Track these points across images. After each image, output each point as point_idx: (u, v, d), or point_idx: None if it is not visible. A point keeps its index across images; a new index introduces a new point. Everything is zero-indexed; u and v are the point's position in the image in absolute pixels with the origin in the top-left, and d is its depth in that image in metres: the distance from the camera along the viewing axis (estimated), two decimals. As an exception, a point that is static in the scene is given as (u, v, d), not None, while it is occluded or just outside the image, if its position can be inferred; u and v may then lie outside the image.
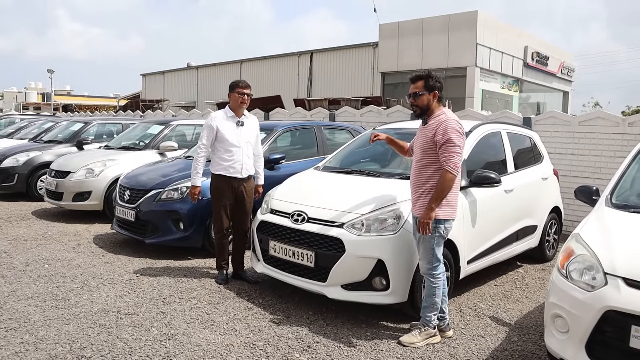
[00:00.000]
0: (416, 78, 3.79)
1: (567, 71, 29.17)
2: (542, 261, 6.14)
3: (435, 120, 3.71)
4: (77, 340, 3.58)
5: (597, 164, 7.59)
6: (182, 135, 9.36)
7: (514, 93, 25.48)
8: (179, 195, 5.79)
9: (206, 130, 4.86)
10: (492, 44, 22.41)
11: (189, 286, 4.82)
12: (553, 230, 6.30)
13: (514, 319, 4.35)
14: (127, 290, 4.65)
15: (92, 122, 11.18)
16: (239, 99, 4.88)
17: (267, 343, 3.63)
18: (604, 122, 7.54)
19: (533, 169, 5.88)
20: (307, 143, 7.40)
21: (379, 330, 3.91)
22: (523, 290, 5.12)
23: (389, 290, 3.90)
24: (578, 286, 2.96)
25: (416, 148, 3.85)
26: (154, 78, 40.65)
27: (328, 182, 4.88)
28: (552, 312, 3.09)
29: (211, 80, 34.81)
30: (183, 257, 5.80)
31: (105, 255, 5.86)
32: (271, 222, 4.50)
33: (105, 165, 7.86)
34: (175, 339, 3.64)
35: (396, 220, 4.00)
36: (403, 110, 9.95)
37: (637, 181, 3.92)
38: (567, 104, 30.20)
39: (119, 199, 6.37)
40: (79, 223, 7.59)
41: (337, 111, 11.18)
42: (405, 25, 23.85)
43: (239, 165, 4.86)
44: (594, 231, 3.28)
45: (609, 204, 3.63)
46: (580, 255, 3.08)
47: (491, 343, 3.82)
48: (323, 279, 4.04)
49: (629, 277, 2.80)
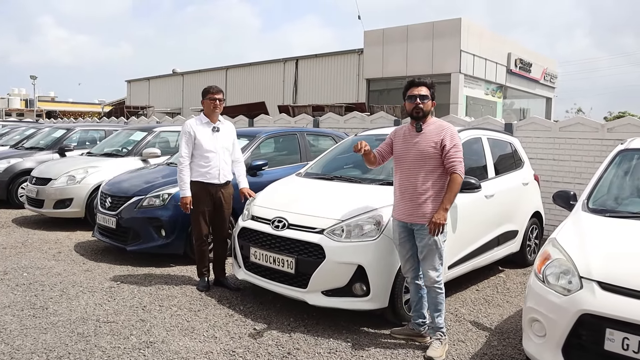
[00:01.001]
0: (420, 83, 3.78)
1: (550, 78, 29.53)
2: (524, 266, 6.19)
3: (435, 127, 3.71)
4: (54, 350, 3.53)
5: (578, 169, 7.69)
6: (166, 141, 9.31)
7: (498, 99, 25.73)
8: (161, 202, 5.75)
9: (184, 138, 4.86)
10: (475, 50, 22.63)
11: (170, 293, 4.79)
12: (534, 235, 6.36)
13: (494, 323, 4.37)
14: (107, 298, 4.60)
15: (75, 128, 11.07)
16: (211, 105, 4.93)
17: (247, 350, 3.61)
18: (583, 128, 7.65)
19: (514, 174, 5.94)
20: (290, 149, 7.41)
21: (360, 337, 3.91)
22: (504, 295, 5.16)
23: (369, 296, 3.91)
24: (554, 290, 2.99)
25: (411, 155, 3.71)
26: (139, 84, 40.42)
27: (309, 188, 4.89)
28: (530, 317, 3.12)
29: (196, 87, 34.56)
30: (165, 265, 5.76)
31: (86, 263, 5.79)
32: (252, 229, 4.48)
33: (87, 172, 7.78)
34: (155, 347, 3.60)
35: (376, 227, 4.01)
36: (386, 117, 10.00)
37: (613, 186, 3.98)
38: (550, 110, 30.55)
39: (100, 206, 6.32)
40: (60, 231, 7.51)
41: (321, 117, 11.20)
42: (390, 32, 24.00)
43: (216, 171, 4.86)
44: (570, 236, 3.32)
45: (585, 209, 3.68)
46: (557, 260, 3.11)
47: (471, 348, 3.84)
48: (304, 285, 4.03)
49: (603, 281, 2.84)
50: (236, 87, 31.13)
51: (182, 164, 4.83)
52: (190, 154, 4.85)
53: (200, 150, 4.83)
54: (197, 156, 4.85)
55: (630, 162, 4.15)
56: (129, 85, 41.42)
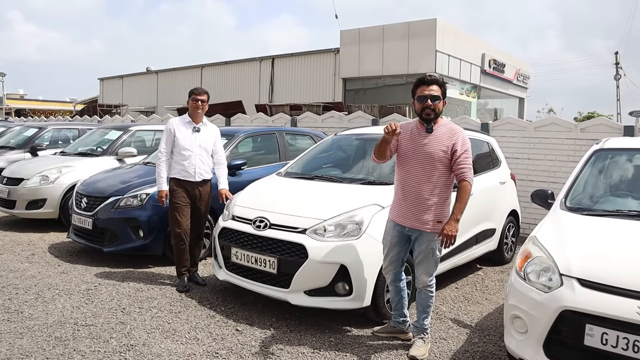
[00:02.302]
0: (431, 81, 3.54)
1: (522, 78, 30.08)
2: (501, 263, 6.29)
3: (447, 129, 3.53)
4: (31, 355, 3.44)
5: (552, 168, 7.85)
6: (142, 141, 9.17)
7: (472, 99, 26.09)
8: (139, 202, 5.67)
9: (165, 135, 4.99)
10: (451, 51, 22.91)
11: (150, 295, 4.72)
12: (511, 233, 6.47)
13: (474, 320, 4.43)
14: (85, 301, 4.51)
15: (47, 127, 10.83)
16: (193, 105, 5.02)
17: (230, 351, 3.58)
18: (558, 128, 7.81)
19: (491, 173, 6.02)
20: (269, 149, 7.37)
21: (343, 336, 3.92)
22: (483, 293, 5.23)
23: (352, 296, 3.91)
24: (535, 287, 3.05)
25: (420, 157, 3.51)
26: (112, 82, 39.74)
27: (290, 187, 4.87)
28: (511, 314, 3.16)
29: (171, 85, 34.30)
30: (143, 266, 5.67)
31: (61, 265, 5.67)
32: (233, 229, 4.45)
33: (61, 172, 7.61)
34: (136, 350, 3.54)
35: (358, 226, 4.02)
36: (364, 116, 10.04)
37: (589, 185, 4.07)
38: (522, 110, 31.13)
39: (76, 207, 6.19)
40: (33, 232, 7.33)
41: (298, 117, 11.18)
42: (366, 31, 24.11)
43: (192, 169, 4.94)
44: (550, 234, 3.38)
45: (563, 207, 3.75)
46: (537, 258, 3.17)
47: (453, 345, 3.88)
48: (286, 285, 4.02)
49: (582, 278, 2.90)
50: (212, 85, 30.78)
51: (160, 159, 4.98)
52: (169, 150, 4.98)
53: (179, 148, 4.94)
54: (176, 154, 4.96)
55: (604, 161, 4.25)
56: (101, 83, 40.69)
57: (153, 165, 6.80)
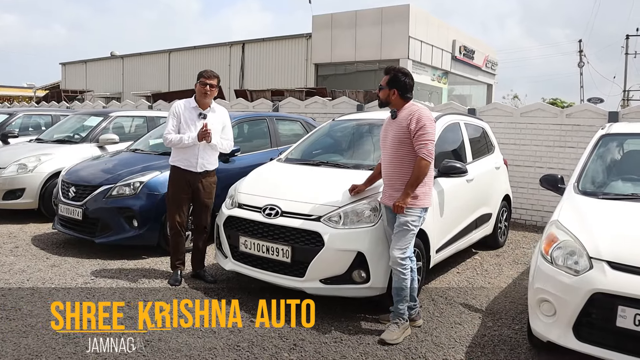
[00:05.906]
0: (385, 71, 3.84)
1: (491, 65, 30.46)
2: (495, 247, 6.36)
3: (407, 112, 3.73)
4: (42, 354, 3.26)
5: (538, 153, 7.96)
6: (121, 127, 8.85)
7: (443, 85, 26.31)
8: (132, 191, 5.44)
9: (170, 117, 4.64)
10: (423, 37, 22.96)
11: (152, 287, 4.56)
12: (504, 218, 6.54)
13: (483, 305, 4.45)
14: (85, 295, 4.32)
15: (17, 113, 10.34)
16: (201, 90, 4.62)
17: (252, 344, 3.48)
18: (544, 114, 7.92)
19: (487, 158, 6.06)
20: (260, 135, 7.21)
21: (360, 324, 3.87)
22: (484, 277, 5.27)
23: (369, 283, 3.86)
24: (563, 271, 3.06)
25: (388, 142, 3.80)
26: (74, 67, 38.33)
27: (296, 174, 4.76)
28: (539, 297, 3.17)
29: (137, 71, 33.34)
30: (137, 257, 5.48)
31: (50, 258, 5.41)
32: (240, 217, 4.31)
33: (40, 160, 7.26)
34: (153, 346, 3.40)
35: (373, 212, 3.97)
36: (349, 102, 9.95)
37: (600, 169, 4.12)
38: (491, 96, 31.56)
39: (62, 196, 5.90)
40: (11, 223, 6.98)
41: (281, 102, 11.01)
42: (338, 17, 23.91)
43: (195, 160, 4.59)
44: (572, 217, 3.40)
45: (577, 192, 3.78)
46: (564, 241, 3.18)
47: (469, 329, 3.89)
48: (301, 274, 3.93)
49: (613, 261, 2.93)
50: (180, 71, 30.16)
51: (170, 134, 4.56)
52: (177, 130, 4.59)
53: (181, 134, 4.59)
54: None
55: (611, 145, 4.31)
56: (63, 68, 39.21)
57: (140, 152, 6.58)
